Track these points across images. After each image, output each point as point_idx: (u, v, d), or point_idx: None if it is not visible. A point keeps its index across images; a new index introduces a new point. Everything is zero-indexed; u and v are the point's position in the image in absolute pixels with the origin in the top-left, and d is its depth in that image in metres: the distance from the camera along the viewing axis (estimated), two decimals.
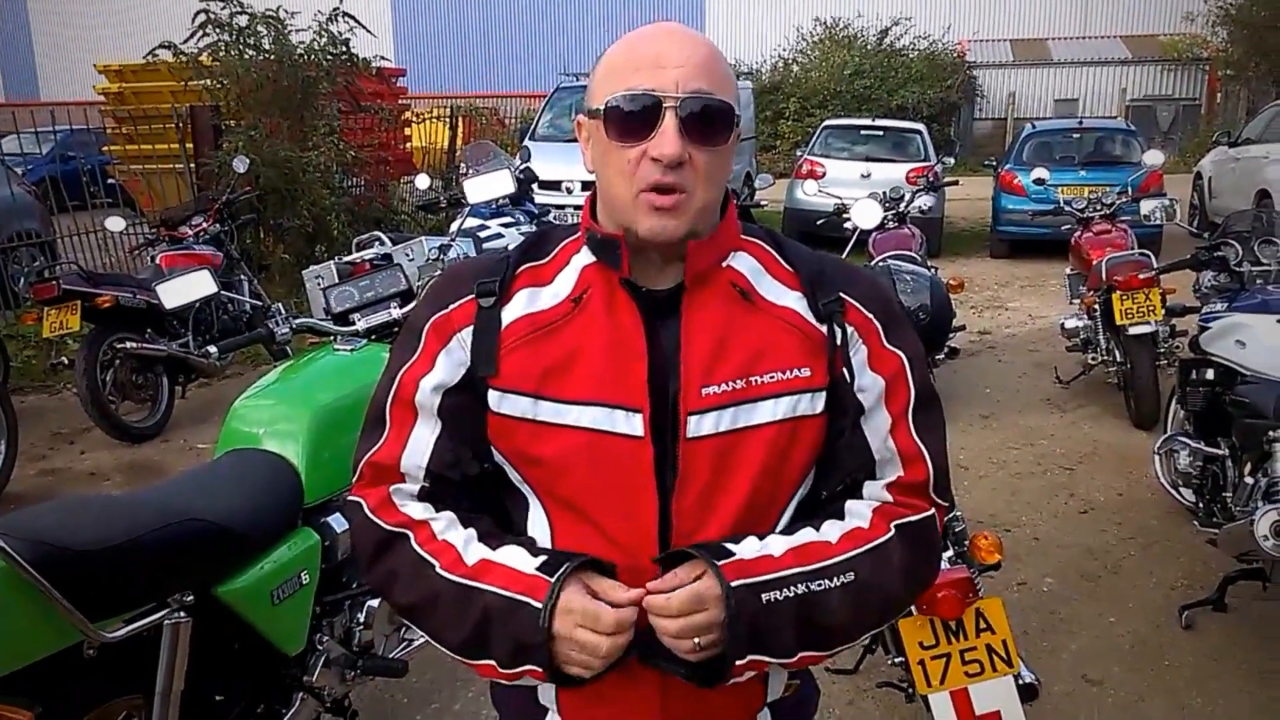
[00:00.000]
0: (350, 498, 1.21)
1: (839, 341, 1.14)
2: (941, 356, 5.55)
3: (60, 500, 4.32)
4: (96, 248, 8.37)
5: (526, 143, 10.09)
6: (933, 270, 6.03)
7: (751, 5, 25.48)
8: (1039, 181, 7.00)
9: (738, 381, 1.11)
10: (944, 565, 2.19)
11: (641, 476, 1.10)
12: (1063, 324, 6.03)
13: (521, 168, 6.59)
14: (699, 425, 1.10)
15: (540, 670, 1.08)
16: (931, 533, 1.18)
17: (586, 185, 9.58)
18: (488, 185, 5.91)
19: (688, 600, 1.04)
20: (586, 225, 1.17)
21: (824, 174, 10.83)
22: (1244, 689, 3.03)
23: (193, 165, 8.33)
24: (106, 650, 1.76)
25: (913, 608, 2.11)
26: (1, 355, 5.88)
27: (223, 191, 6.87)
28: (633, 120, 1.07)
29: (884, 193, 6.30)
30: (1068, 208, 6.40)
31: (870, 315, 1.17)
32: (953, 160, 12.58)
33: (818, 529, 1.14)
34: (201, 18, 8.45)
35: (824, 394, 1.14)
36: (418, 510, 1.17)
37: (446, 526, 1.16)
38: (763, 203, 7.25)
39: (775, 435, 1.12)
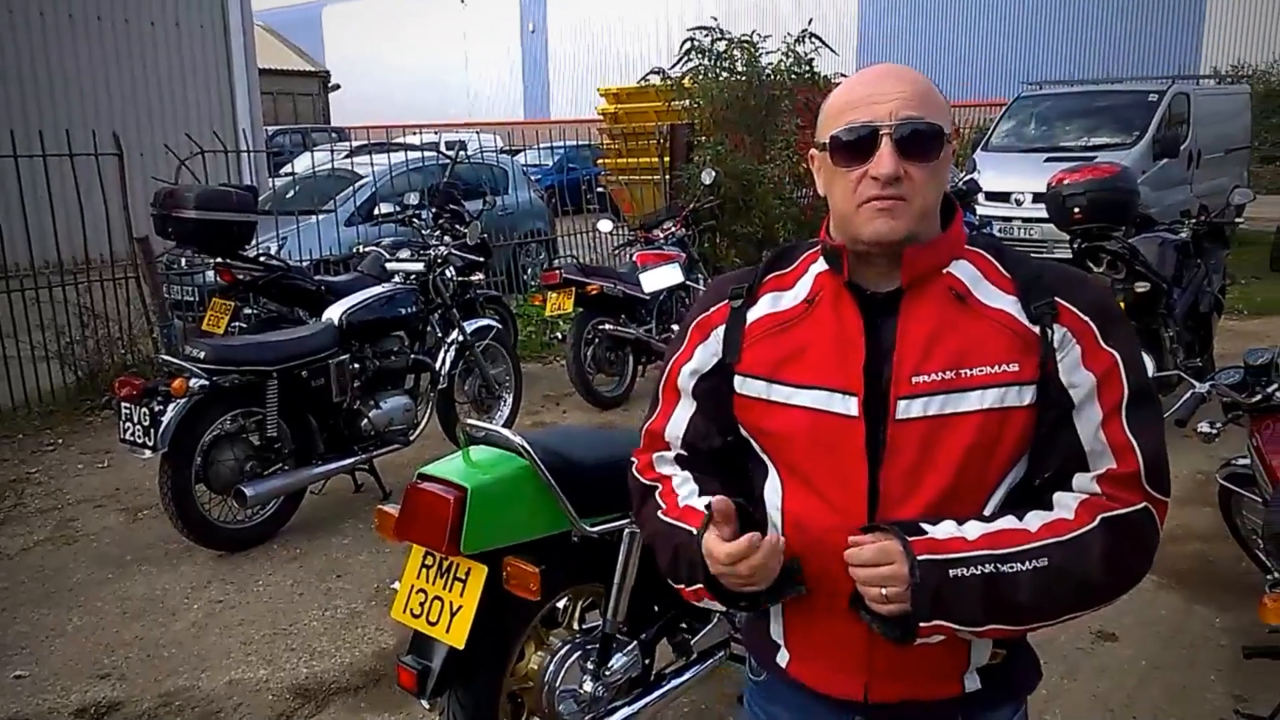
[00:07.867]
0: (630, 457, 1.53)
1: (1049, 341, 1.25)
2: None
3: (563, 426, 5.36)
4: (586, 245, 9.87)
5: (975, 154, 10.00)
6: None
7: (1257, 2, 22.20)
8: None
9: (947, 373, 1.25)
10: None
11: (854, 451, 1.27)
12: None
13: (965, 179, 6.66)
14: (908, 409, 1.25)
15: (703, 588, 1.32)
16: (1143, 525, 1.24)
17: (1038, 197, 9.23)
18: None
19: (876, 553, 1.20)
20: (822, 239, 1.37)
21: None
22: None
23: (667, 176, 9.47)
24: (586, 542, 2.35)
25: None
26: (514, 327, 7.25)
27: (690, 200, 7.79)
28: (854, 148, 1.26)
29: None
30: None
31: (1086, 318, 1.26)
32: None
33: (1020, 518, 1.24)
34: (688, 44, 9.59)
35: (1033, 388, 1.24)
36: (668, 470, 1.46)
37: (681, 483, 1.43)
38: (1239, 221, 6.40)
39: (983, 423, 1.24)
